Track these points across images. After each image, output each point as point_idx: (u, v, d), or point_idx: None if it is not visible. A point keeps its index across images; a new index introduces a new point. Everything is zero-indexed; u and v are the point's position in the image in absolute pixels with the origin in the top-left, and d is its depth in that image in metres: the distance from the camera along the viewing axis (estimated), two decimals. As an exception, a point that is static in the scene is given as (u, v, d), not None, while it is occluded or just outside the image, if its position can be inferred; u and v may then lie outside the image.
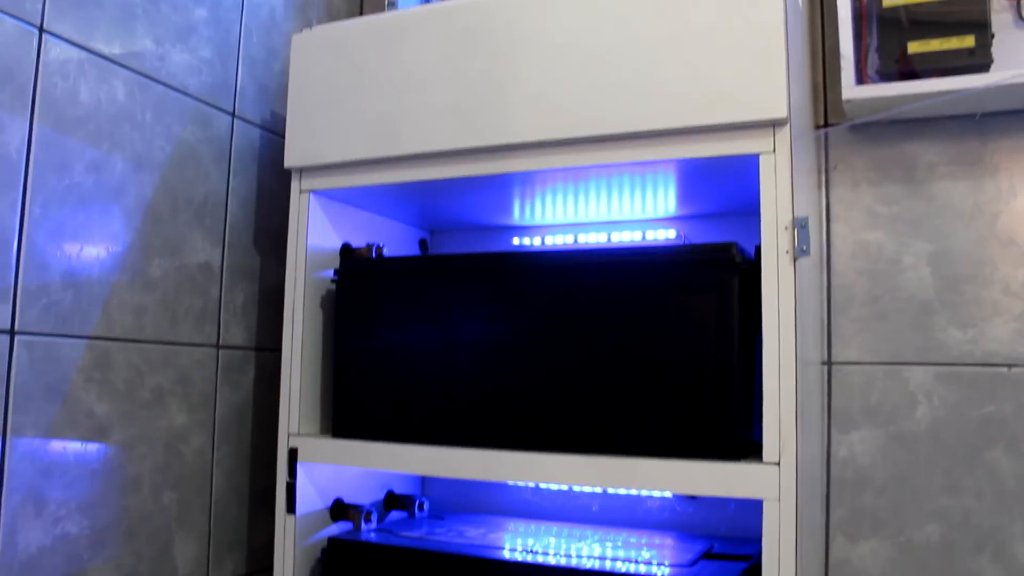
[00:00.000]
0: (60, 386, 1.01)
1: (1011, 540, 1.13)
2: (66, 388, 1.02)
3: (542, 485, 1.30)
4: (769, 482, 0.88)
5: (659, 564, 1.00)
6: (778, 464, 0.89)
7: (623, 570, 0.98)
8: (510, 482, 1.32)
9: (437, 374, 1.08)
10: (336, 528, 1.19)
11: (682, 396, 0.96)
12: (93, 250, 1.05)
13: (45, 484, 0.99)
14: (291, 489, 1.12)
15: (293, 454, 1.12)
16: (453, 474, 1.03)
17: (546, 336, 1.02)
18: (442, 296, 1.09)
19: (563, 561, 1.01)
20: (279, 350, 1.18)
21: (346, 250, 1.21)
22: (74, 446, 1.03)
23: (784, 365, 0.89)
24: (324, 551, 1.12)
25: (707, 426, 0.94)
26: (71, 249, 1.02)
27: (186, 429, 1.18)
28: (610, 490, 1.25)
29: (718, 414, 0.94)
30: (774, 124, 0.92)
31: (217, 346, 1.23)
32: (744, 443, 0.96)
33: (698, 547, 1.09)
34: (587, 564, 1.00)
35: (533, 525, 1.24)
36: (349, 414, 1.13)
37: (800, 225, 0.90)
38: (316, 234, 1.17)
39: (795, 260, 0.90)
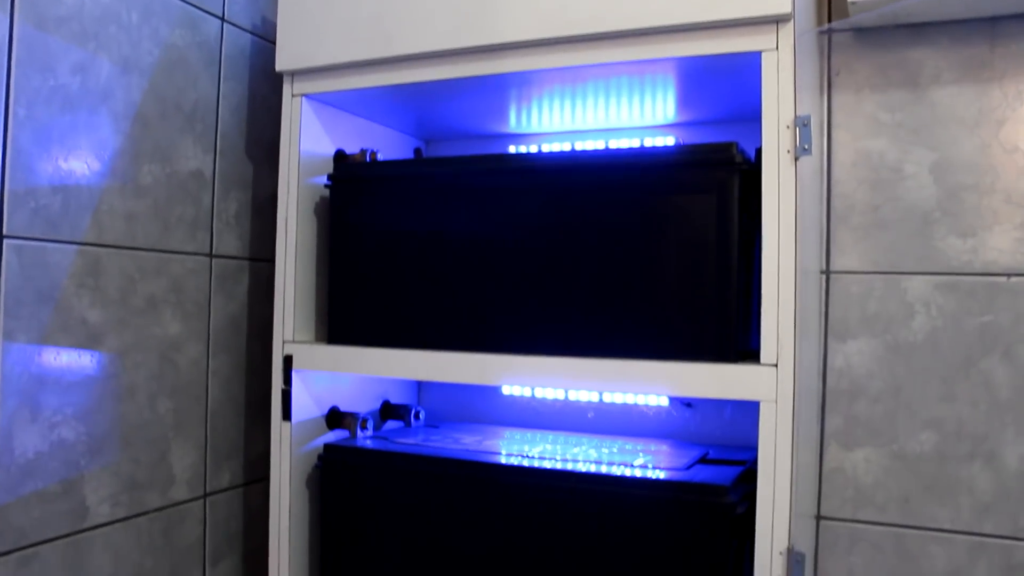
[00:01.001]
0: (51, 292, 1.00)
1: (1002, 447, 1.14)
2: (58, 294, 1.01)
3: (538, 393, 1.30)
4: (767, 383, 0.88)
5: (655, 468, 1.00)
6: (776, 366, 0.88)
7: (619, 473, 0.98)
8: (506, 390, 1.32)
9: (432, 278, 1.07)
10: (332, 436, 1.19)
11: (680, 298, 0.95)
12: (81, 154, 1.03)
13: (40, 390, 0.99)
14: (286, 396, 1.12)
15: (288, 361, 1.11)
16: (449, 378, 1.03)
17: (543, 240, 1.01)
18: (437, 200, 1.07)
19: (559, 465, 1.02)
20: (273, 261, 1.16)
21: (340, 156, 1.19)
22: (68, 353, 1.02)
23: (783, 265, 0.88)
24: (321, 457, 1.12)
25: (705, 328, 0.94)
26: (58, 152, 1.00)
27: (181, 338, 1.17)
28: (606, 397, 1.25)
29: (716, 316, 0.94)
30: (777, 20, 0.89)
31: (210, 255, 1.21)
32: (742, 352, 0.96)
33: (694, 453, 1.09)
34: (583, 468, 1.00)
35: (529, 433, 1.24)
36: (344, 320, 1.12)
37: (802, 124, 0.88)
38: (309, 140, 1.15)
39: (796, 160, 0.88)
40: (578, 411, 1.29)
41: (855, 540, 1.20)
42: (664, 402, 1.23)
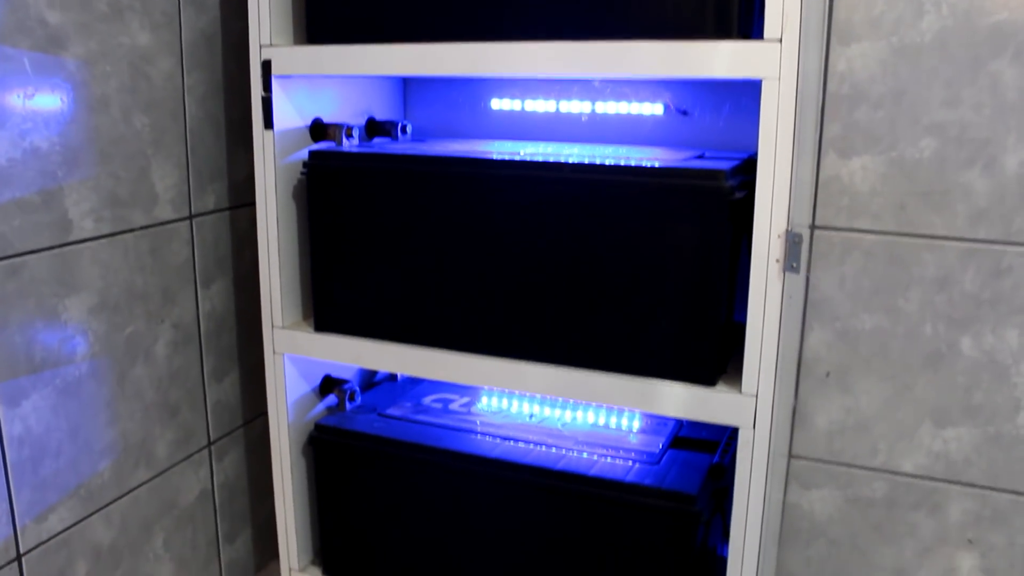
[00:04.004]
0: (4, -13, 0.93)
1: (1003, 152, 1.11)
2: (11, -10, 0.94)
3: (528, 107, 1.25)
4: (771, 59, 0.84)
5: (649, 163, 0.97)
6: (780, 41, 0.84)
7: (614, 163, 0.95)
8: (495, 104, 1.28)
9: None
10: (318, 148, 1.15)
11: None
12: None
13: (3, 91, 0.94)
14: (267, 103, 1.07)
15: (267, 66, 1.06)
16: (439, 70, 0.97)
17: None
18: None
19: (551, 160, 0.99)
20: (244, -30, 1.08)
21: None
22: (29, 56, 0.96)
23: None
24: (306, 164, 1.08)
25: (706, 3, 0.88)
26: None
27: (151, 50, 1.11)
28: (599, 108, 1.21)
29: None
30: None
31: (174, -41, 1.13)
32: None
33: (690, 154, 1.06)
34: (575, 161, 0.97)
35: (520, 143, 1.20)
36: (324, 18, 1.05)
37: None
38: None
39: None
40: (570, 122, 1.24)
41: (848, 249, 1.20)
42: (659, 110, 1.19)
